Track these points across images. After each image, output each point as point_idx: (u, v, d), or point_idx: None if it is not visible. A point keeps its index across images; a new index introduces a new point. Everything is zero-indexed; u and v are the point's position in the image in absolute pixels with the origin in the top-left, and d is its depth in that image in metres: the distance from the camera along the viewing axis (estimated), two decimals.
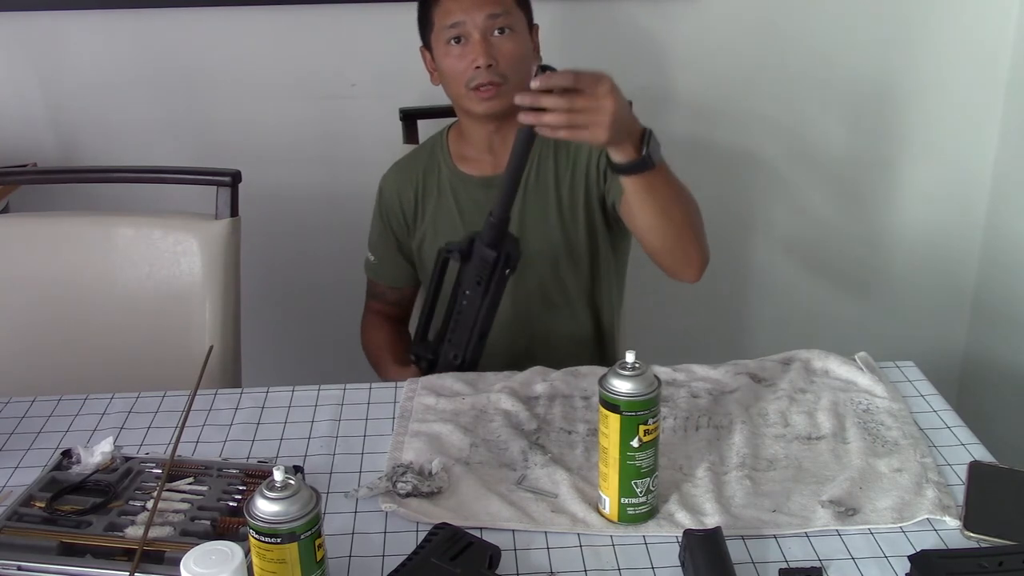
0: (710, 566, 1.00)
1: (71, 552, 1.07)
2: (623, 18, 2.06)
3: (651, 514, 1.12)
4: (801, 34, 2.16)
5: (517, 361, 1.55)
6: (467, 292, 1.46)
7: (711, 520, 1.10)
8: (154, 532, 1.08)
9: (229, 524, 1.10)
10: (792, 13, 2.13)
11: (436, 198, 1.69)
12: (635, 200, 1.38)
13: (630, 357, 1.08)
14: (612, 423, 1.08)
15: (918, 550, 1.04)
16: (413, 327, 1.86)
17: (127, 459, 1.22)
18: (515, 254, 1.44)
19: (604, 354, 1.71)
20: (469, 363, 1.49)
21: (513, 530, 1.11)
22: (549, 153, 1.63)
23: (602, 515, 1.13)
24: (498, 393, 1.37)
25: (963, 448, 1.25)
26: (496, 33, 1.53)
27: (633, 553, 1.08)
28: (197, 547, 0.93)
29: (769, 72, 2.17)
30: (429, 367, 1.54)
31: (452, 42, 1.55)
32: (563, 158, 1.62)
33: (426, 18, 1.60)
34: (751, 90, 2.16)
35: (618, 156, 1.29)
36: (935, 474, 1.18)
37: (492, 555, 1.04)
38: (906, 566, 1.03)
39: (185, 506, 1.13)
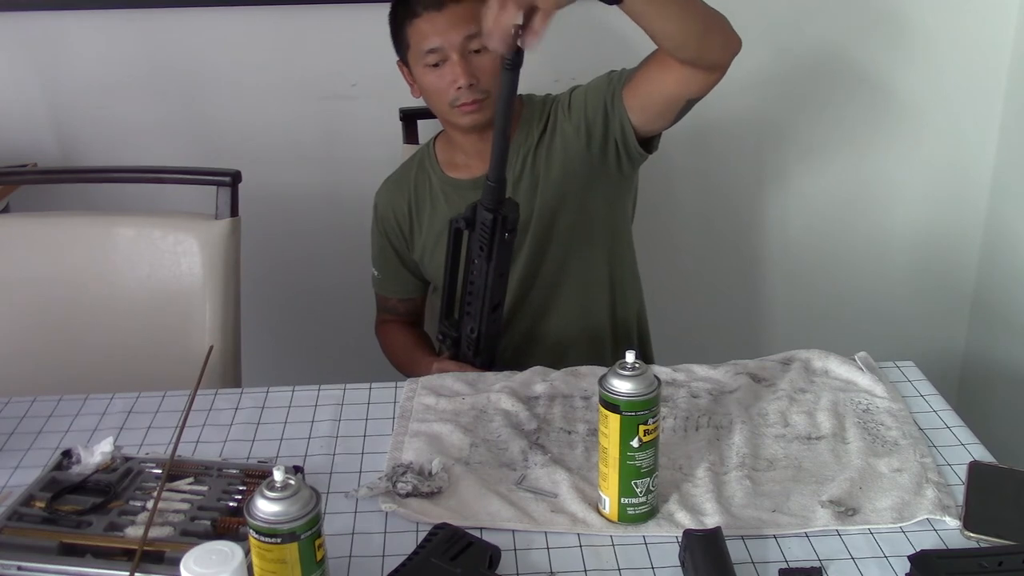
0: (710, 566, 1.00)
1: (71, 552, 1.07)
2: (613, 21, 2.06)
3: (651, 514, 1.12)
4: (800, 34, 2.16)
5: (543, 344, 1.59)
6: (475, 261, 1.48)
7: (711, 520, 1.10)
8: (154, 532, 1.08)
9: (229, 524, 1.10)
10: (791, 14, 2.14)
11: (430, 208, 1.69)
12: (644, 14, 1.33)
13: (630, 357, 1.08)
14: (612, 423, 1.08)
15: (918, 550, 1.04)
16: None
17: (127, 459, 1.22)
18: (513, 216, 1.45)
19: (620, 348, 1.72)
20: (486, 336, 1.51)
21: (513, 530, 1.11)
22: (529, 154, 1.63)
23: (602, 515, 1.13)
24: (498, 393, 1.37)
25: (963, 448, 1.24)
26: (473, 51, 1.54)
27: (633, 553, 1.08)
28: (197, 547, 0.93)
29: (767, 72, 2.17)
30: (454, 344, 1.55)
31: (431, 65, 1.55)
32: (542, 159, 1.63)
33: (401, 37, 1.60)
34: (748, 91, 2.16)
35: None
36: (935, 474, 1.18)
37: (492, 555, 1.04)
38: (906, 566, 1.03)
39: (185, 506, 1.13)
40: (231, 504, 1.14)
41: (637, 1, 1.30)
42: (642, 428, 1.07)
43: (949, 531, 1.10)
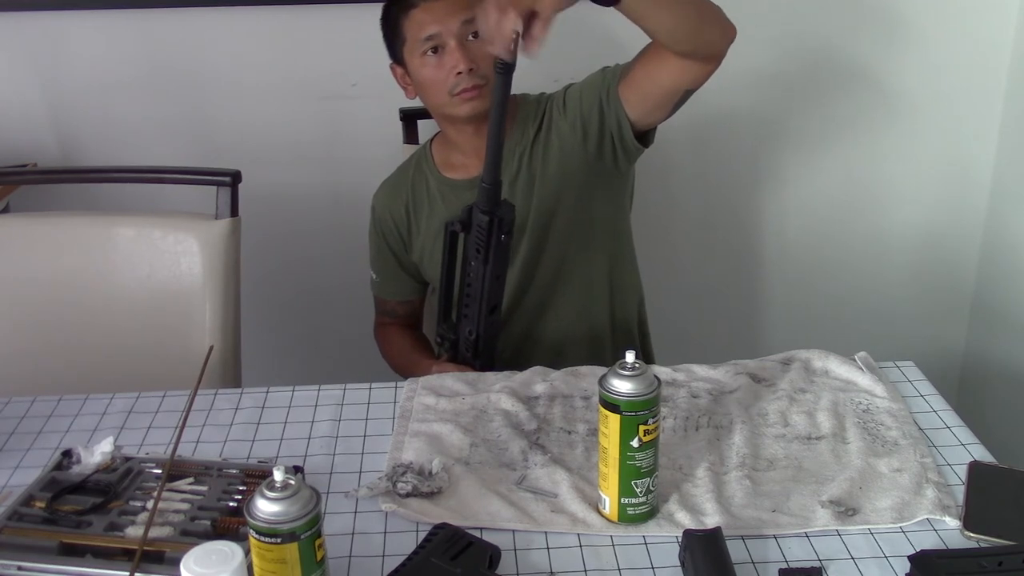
0: (710, 566, 1.00)
1: (71, 552, 1.07)
2: (611, 23, 2.06)
3: (651, 514, 1.12)
4: (800, 35, 2.16)
5: (544, 344, 1.59)
6: (472, 264, 1.48)
7: (711, 520, 1.10)
8: (154, 532, 1.08)
9: (229, 524, 1.10)
10: (790, 14, 2.14)
11: (428, 209, 1.69)
12: (640, 12, 1.33)
13: (630, 357, 1.08)
14: (612, 423, 1.08)
15: (918, 550, 1.04)
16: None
17: (127, 459, 1.22)
18: (508, 217, 1.44)
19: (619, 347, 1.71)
20: (484, 338, 1.51)
21: (513, 530, 1.11)
22: (525, 153, 1.63)
23: (602, 515, 1.13)
24: (498, 393, 1.37)
25: (963, 448, 1.25)
26: (471, 37, 1.54)
27: (633, 553, 1.08)
28: (197, 547, 0.93)
29: (766, 71, 2.17)
30: (452, 346, 1.56)
31: (429, 53, 1.55)
32: (538, 158, 1.62)
33: (396, 33, 1.60)
34: (747, 90, 2.16)
35: None
36: (935, 474, 1.18)
37: (492, 555, 1.04)
38: (906, 566, 1.03)
39: (185, 506, 1.13)
40: (231, 504, 1.14)
41: (632, 1, 1.30)
42: (642, 428, 1.07)
43: (949, 531, 1.10)
